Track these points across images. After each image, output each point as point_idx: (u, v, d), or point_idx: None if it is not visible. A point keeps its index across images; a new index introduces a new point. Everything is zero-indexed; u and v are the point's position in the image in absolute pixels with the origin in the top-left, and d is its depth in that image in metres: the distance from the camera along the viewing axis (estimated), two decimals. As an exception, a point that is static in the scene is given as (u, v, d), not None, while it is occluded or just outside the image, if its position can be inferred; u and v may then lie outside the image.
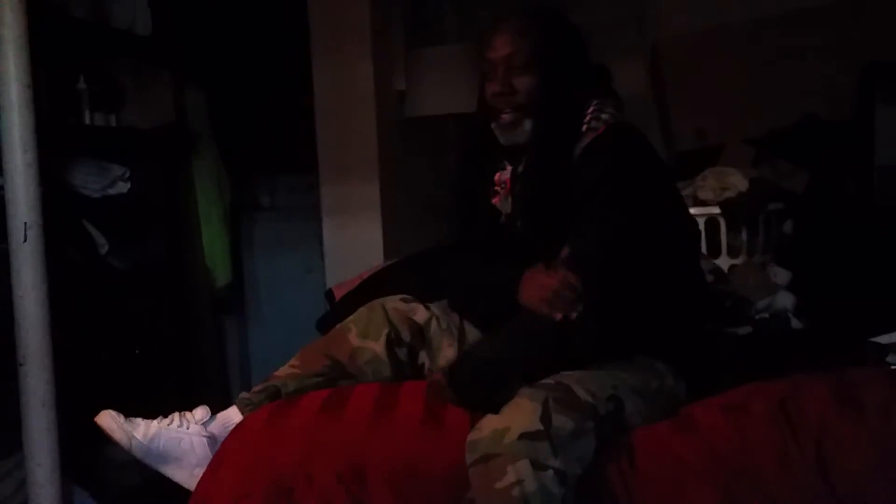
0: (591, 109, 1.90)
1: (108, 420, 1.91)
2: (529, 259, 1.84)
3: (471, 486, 1.58)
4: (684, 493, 1.65)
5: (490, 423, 1.61)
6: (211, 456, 1.89)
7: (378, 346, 1.98)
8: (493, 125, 1.95)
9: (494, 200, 2.00)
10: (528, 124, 1.91)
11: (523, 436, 1.56)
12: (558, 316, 1.73)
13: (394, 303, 2.05)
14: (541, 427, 1.57)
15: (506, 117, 1.92)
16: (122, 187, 3.05)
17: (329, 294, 2.91)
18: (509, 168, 1.98)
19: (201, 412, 1.97)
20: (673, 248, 1.90)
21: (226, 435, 1.92)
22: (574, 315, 1.73)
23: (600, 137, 1.86)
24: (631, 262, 1.78)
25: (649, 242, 1.80)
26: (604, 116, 1.89)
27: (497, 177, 1.99)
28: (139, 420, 1.92)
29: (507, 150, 1.97)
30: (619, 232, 1.78)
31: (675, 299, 1.89)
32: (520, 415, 1.60)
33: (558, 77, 1.90)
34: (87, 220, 2.94)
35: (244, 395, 1.99)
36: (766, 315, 2.67)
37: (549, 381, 1.68)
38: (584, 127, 1.88)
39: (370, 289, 2.50)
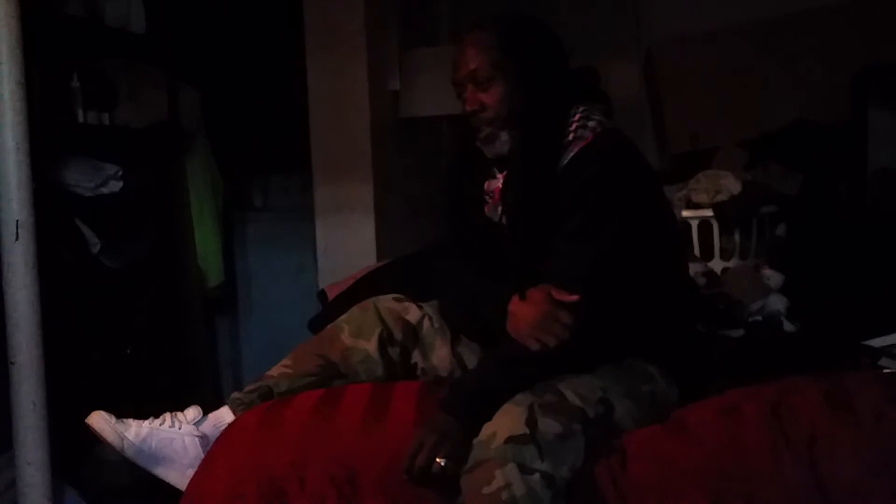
0: (577, 117, 1.85)
1: (100, 421, 1.90)
2: (519, 268, 1.83)
3: (461, 491, 1.59)
4: (676, 496, 1.65)
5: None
6: (203, 456, 1.88)
7: (370, 346, 1.97)
8: (476, 141, 1.92)
9: (485, 209, 1.97)
10: (504, 135, 1.87)
11: (510, 440, 1.57)
12: (539, 346, 1.71)
13: (386, 302, 2.04)
14: (526, 431, 1.57)
15: (483, 132, 1.88)
16: (115, 186, 3.04)
17: (322, 294, 2.91)
18: (500, 177, 1.94)
19: (193, 412, 1.96)
20: (660, 254, 1.89)
21: (218, 435, 1.91)
22: (553, 342, 1.71)
23: (588, 146, 1.81)
24: (614, 272, 1.76)
25: (634, 251, 1.78)
26: (590, 124, 1.83)
27: (486, 186, 1.97)
28: (131, 420, 1.91)
29: (496, 159, 1.94)
30: (602, 245, 1.76)
31: (664, 304, 1.88)
32: (506, 420, 1.61)
33: (528, 84, 1.85)
34: (79, 219, 2.93)
35: (236, 394, 1.99)
36: (759, 318, 2.67)
37: (539, 383, 1.68)
38: (571, 136, 1.83)
39: (363, 289, 2.50)
